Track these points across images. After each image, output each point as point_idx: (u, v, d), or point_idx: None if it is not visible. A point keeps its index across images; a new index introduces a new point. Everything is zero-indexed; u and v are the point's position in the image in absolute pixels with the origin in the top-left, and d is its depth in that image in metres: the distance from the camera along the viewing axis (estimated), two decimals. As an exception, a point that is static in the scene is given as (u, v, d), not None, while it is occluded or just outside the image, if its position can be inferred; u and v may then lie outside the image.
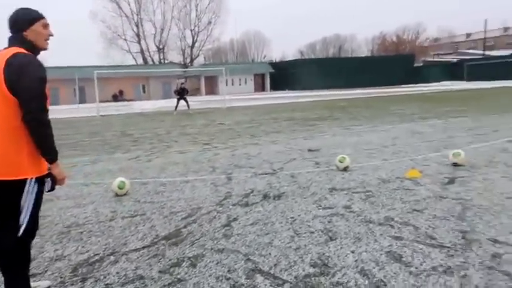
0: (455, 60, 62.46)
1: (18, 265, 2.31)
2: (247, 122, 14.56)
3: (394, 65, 55.64)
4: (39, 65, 2.21)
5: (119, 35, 64.41)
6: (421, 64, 64.30)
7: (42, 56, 2.37)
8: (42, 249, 3.42)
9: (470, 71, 53.28)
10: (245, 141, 9.45)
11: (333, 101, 25.08)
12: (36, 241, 3.51)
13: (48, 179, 2.30)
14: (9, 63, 2.13)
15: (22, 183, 2.20)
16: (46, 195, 2.52)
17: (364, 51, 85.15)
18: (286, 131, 11.17)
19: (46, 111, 2.23)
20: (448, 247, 3.06)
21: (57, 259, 3.19)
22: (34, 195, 2.25)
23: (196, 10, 67.35)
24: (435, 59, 67.53)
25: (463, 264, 2.76)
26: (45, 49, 2.37)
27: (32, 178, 2.22)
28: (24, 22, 2.26)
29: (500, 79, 45.45)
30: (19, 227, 2.22)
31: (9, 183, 2.17)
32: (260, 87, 58.11)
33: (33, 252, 3.27)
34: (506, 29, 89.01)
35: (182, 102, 21.00)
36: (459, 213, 3.81)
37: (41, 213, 4.30)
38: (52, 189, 2.35)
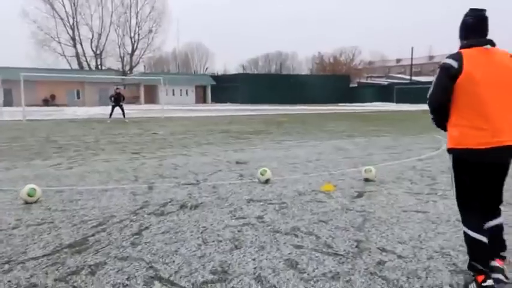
0: (386, 83, 66.78)
1: None
2: (182, 132, 14.48)
3: (331, 84, 58.40)
4: None
5: (52, 36, 61.39)
6: (356, 85, 67.98)
7: None
8: None
9: (399, 94, 57.18)
10: (175, 152, 9.41)
11: (271, 116, 25.68)
12: None
13: None
14: None
15: None
16: None
17: (304, 70, 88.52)
18: (219, 143, 11.28)
19: None
20: (341, 255, 3.30)
21: None
22: None
23: (137, 17, 66.21)
24: (368, 81, 71.69)
25: (350, 270, 3.00)
26: None
27: None
28: None
29: (424, 102, 49.27)
30: None
31: None
32: (201, 99, 58.04)
33: None
34: (431, 57, 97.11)
35: (118, 109, 20.39)
36: (359, 224, 4.11)
37: None
38: None
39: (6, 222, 4.10)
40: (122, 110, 20.43)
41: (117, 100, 20.38)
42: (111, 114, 20.28)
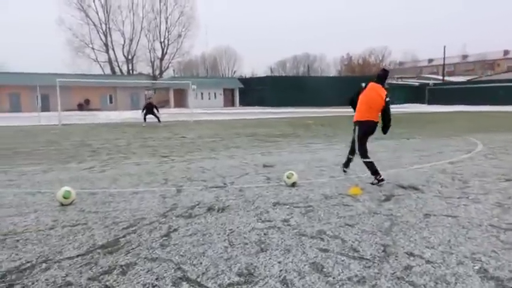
0: (417, 83, 65.20)
1: None
2: (210, 136, 14.68)
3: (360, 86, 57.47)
4: None
5: (86, 43, 63.54)
6: (386, 86, 66.71)
7: (5, 60, 2.40)
8: (-26, 256, 3.40)
9: (431, 95, 55.75)
10: (203, 155, 9.56)
11: (299, 119, 25.62)
12: (-32, 248, 3.50)
13: None
14: None
15: None
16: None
17: (332, 71, 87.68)
18: (246, 146, 11.37)
19: None
20: (368, 259, 3.28)
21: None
22: None
23: (167, 23, 67.55)
24: (399, 82, 70.17)
25: (376, 275, 2.99)
26: None
27: None
28: None
29: (457, 103, 47.88)
30: None
31: None
32: (229, 102, 58.47)
33: (-37, 259, 3.27)
34: (464, 56, 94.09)
35: (151, 114, 20.59)
36: (386, 228, 4.07)
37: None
38: None
39: (44, 223, 4.31)
40: (156, 117, 20.65)
41: (149, 110, 20.61)
42: (145, 119, 20.46)
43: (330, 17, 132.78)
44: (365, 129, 6.44)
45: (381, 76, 6.74)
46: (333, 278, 2.95)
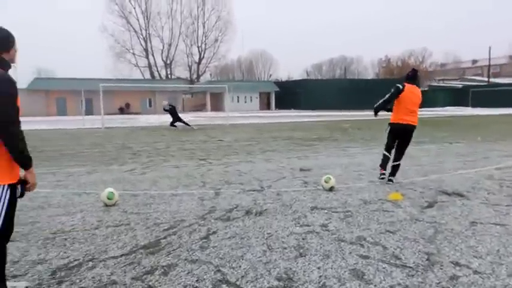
0: (460, 86, 62.77)
1: None
2: (246, 139, 14.77)
3: (399, 88, 55.98)
4: (8, 80, 2.38)
5: (127, 49, 65.77)
6: (426, 89, 64.64)
7: (55, 67, 2.53)
8: (26, 252, 3.58)
9: (475, 97, 53.49)
10: (240, 159, 9.63)
11: (336, 122, 25.31)
12: (22, 245, 3.71)
13: (19, 185, 2.48)
14: None
15: None
16: (39, 203, 2.74)
17: (370, 74, 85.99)
18: (283, 150, 11.35)
19: (14, 123, 2.36)
20: (411, 267, 3.19)
21: (39, 262, 3.35)
22: (7, 200, 2.43)
23: (204, 27, 68.76)
24: (440, 84, 67.88)
25: (420, 284, 2.89)
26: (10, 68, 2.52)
27: (4, 185, 2.40)
28: (7, 43, 2.48)
29: (504, 106, 45.62)
30: None
31: None
32: (265, 105, 58.62)
33: (17, 254, 3.47)
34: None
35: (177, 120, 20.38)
36: (430, 236, 3.94)
37: (30, 219, 4.52)
38: (22, 195, 2.53)
39: (90, 223, 4.48)
40: (183, 122, 20.47)
41: (173, 114, 20.38)
42: (186, 123, 20.26)
43: (368, 19, 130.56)
44: (397, 131, 6.64)
45: (413, 76, 6.64)
46: (375, 285, 2.88)
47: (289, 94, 56.80)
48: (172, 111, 20.45)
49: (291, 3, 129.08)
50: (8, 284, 2.84)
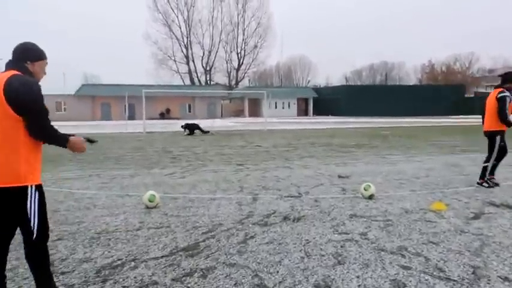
0: (510, 92, 59.68)
1: (40, 264, 2.60)
2: (284, 145, 14.76)
3: (443, 94, 54.15)
4: (36, 83, 2.52)
5: (168, 56, 67.65)
6: (473, 95, 62.03)
7: (100, 73, 2.68)
8: (73, 250, 3.76)
9: (526, 104, 50.66)
10: (278, 164, 9.64)
11: (374, 129, 24.78)
12: (69, 243, 3.90)
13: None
14: (9, 83, 2.41)
15: (24, 191, 2.46)
16: (85, 204, 2.88)
17: (412, 80, 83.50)
18: (320, 156, 11.25)
19: (46, 122, 2.50)
20: (455, 280, 3.06)
21: (85, 261, 3.50)
22: (37, 201, 2.52)
23: (244, 34, 69.54)
24: (488, 91, 64.94)
25: (465, 298, 2.78)
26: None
27: (32, 185, 2.50)
28: (33, 56, 2.63)
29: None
30: (32, 232, 2.50)
31: (13, 190, 2.43)
32: (303, 111, 58.35)
33: (65, 252, 3.64)
34: None
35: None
36: (476, 248, 3.77)
37: (77, 219, 4.73)
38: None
39: (132, 224, 4.64)
40: (200, 130, 20.83)
41: (191, 129, 20.76)
42: (204, 131, 20.82)
43: (410, 22, 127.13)
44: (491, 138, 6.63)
45: (502, 78, 6.53)
46: (416, 297, 2.80)
47: (328, 100, 56.27)
48: (190, 127, 20.94)
49: (331, 7, 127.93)
50: (56, 280, 2.99)
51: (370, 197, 5.86)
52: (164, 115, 48.34)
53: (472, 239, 4.05)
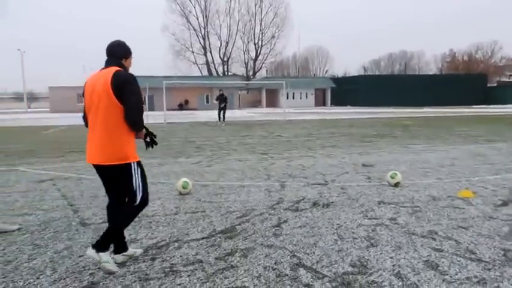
0: (534, 81, 58.17)
1: (127, 223, 3.22)
2: (304, 135, 14.87)
3: (464, 84, 53.12)
4: (135, 78, 2.99)
5: (186, 47, 67.93)
6: (495, 85, 60.63)
7: None
8: (118, 232, 3.99)
9: (551, 93, 49.38)
10: (301, 153, 9.77)
11: (394, 119, 24.60)
12: (113, 226, 4.11)
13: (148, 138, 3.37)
14: (116, 77, 2.92)
15: (128, 167, 3.04)
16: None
17: (432, 69, 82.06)
18: (343, 146, 11.33)
19: (142, 113, 3.06)
20: (486, 261, 3.18)
21: (132, 241, 3.74)
22: (139, 173, 3.10)
23: (261, 25, 69.22)
24: (511, 80, 63.34)
25: (498, 278, 2.90)
26: None
27: (134, 162, 3.09)
28: (126, 53, 3.19)
29: None
30: (135, 200, 3.08)
31: (120, 167, 3.00)
32: (321, 102, 58.06)
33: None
34: None
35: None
36: (506, 233, 3.86)
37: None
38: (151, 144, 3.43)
39: (169, 209, 4.87)
40: (224, 113, 21.66)
41: (221, 102, 21.78)
42: (219, 118, 21.63)
43: (430, 11, 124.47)
44: None
45: None
46: (450, 276, 2.93)
47: (346, 90, 55.82)
48: (221, 99, 21.89)
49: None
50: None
51: (396, 185, 5.96)
52: (182, 106, 48.78)
53: (501, 224, 4.14)
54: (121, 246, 3.28)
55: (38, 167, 8.16)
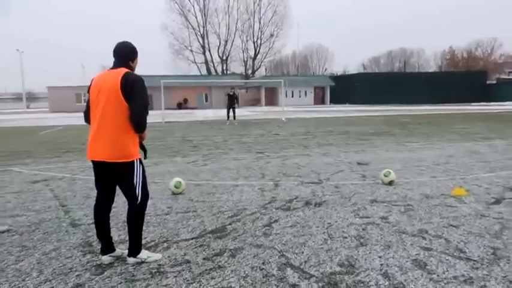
0: (533, 78, 58.12)
1: (138, 224, 3.24)
2: (302, 133, 14.85)
3: (463, 82, 53.03)
4: (143, 80, 3.11)
5: (185, 46, 67.73)
6: (495, 82, 60.58)
7: None
8: (108, 233, 3.98)
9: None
10: (297, 152, 9.76)
11: (393, 117, 24.58)
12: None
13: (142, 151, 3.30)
14: (125, 78, 3.01)
15: (132, 164, 3.11)
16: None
17: (432, 67, 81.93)
18: (339, 144, 11.31)
19: (147, 114, 3.14)
20: (475, 260, 3.17)
21: (121, 242, 3.73)
22: (141, 171, 3.18)
23: (260, 23, 68.91)
24: (510, 77, 63.29)
25: (485, 276, 2.89)
26: None
27: (137, 159, 3.15)
28: (133, 55, 3.26)
29: None
30: (136, 197, 3.16)
31: (125, 164, 3.07)
32: (320, 100, 58.00)
33: (101, 234, 3.83)
34: None
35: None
36: (496, 231, 3.86)
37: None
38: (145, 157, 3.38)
39: (160, 209, 4.86)
40: (234, 111, 21.56)
41: (231, 100, 21.67)
42: (228, 116, 21.45)
43: (430, 8, 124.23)
44: None
45: None
46: (437, 275, 2.92)
47: (345, 88, 55.75)
48: (233, 98, 21.77)
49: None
50: (96, 259, 3.22)
51: (390, 183, 5.95)
52: (181, 105, 48.75)
53: (492, 222, 4.13)
54: (108, 247, 3.27)
55: (32, 168, 8.15)
